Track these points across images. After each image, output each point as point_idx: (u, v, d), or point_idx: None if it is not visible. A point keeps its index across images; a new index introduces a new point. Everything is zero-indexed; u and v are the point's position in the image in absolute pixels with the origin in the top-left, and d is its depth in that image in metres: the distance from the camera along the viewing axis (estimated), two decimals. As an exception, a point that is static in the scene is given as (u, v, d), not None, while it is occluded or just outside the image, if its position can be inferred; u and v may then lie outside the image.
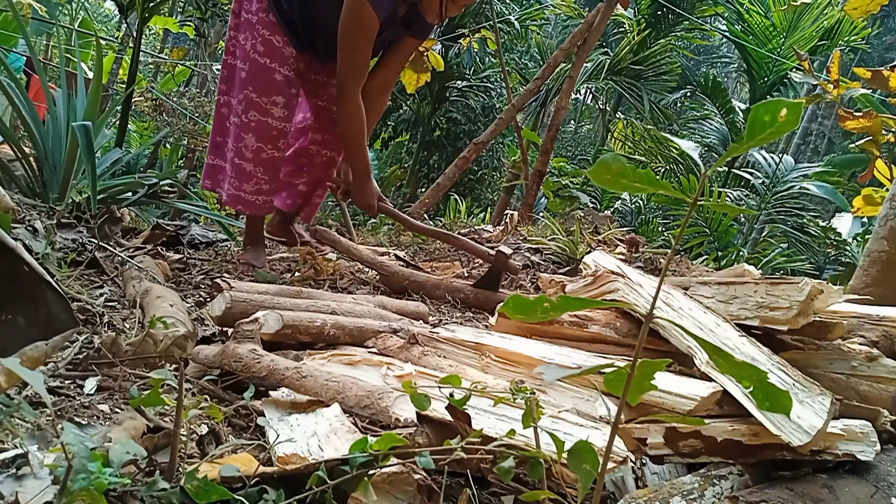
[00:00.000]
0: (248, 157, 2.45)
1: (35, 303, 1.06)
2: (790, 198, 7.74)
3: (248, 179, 2.48)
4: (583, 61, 5.22)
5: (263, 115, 2.40)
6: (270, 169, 2.49)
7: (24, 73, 7.57)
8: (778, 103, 0.59)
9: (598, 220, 4.17)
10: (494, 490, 1.07)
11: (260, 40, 2.39)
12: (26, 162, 2.99)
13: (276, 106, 2.41)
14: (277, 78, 2.40)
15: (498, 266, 2.43)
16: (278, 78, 2.41)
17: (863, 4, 3.46)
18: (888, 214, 2.40)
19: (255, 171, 2.47)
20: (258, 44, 2.39)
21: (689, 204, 0.64)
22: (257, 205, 2.52)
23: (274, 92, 2.40)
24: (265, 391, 1.27)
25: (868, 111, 3.58)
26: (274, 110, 2.41)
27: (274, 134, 2.44)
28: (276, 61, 2.40)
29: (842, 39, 8.72)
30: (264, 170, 2.47)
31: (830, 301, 1.38)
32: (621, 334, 1.46)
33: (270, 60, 2.39)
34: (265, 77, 2.39)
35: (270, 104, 2.40)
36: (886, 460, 1.17)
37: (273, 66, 2.40)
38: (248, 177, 2.47)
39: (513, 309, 0.71)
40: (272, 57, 2.39)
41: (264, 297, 1.69)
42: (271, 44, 2.39)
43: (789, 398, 0.67)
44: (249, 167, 2.46)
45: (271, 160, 2.47)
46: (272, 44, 2.39)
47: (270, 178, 2.51)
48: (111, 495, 0.79)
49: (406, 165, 10.91)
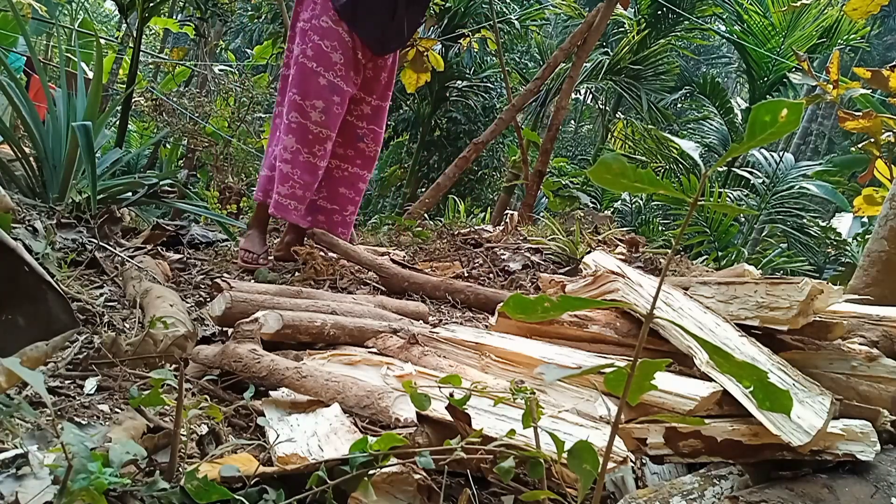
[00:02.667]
0: (286, 159, 2.48)
1: (35, 303, 1.06)
2: (790, 198, 7.73)
3: (285, 181, 2.49)
4: (583, 61, 5.22)
5: (303, 117, 2.44)
6: (307, 174, 2.49)
7: (24, 73, 7.57)
8: (778, 104, 0.59)
9: (598, 220, 4.17)
10: (494, 490, 1.07)
11: (310, 45, 2.43)
12: (26, 162, 2.99)
13: (315, 110, 2.43)
14: (321, 82, 2.43)
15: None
16: (322, 82, 2.43)
17: (863, 5, 3.45)
18: (888, 214, 2.40)
19: (293, 172, 2.48)
20: (308, 48, 2.44)
21: (689, 204, 0.64)
22: (289, 210, 2.53)
23: (314, 95, 2.43)
24: (265, 391, 1.27)
25: (868, 111, 3.57)
26: (312, 114, 2.43)
27: (310, 138, 2.45)
28: (322, 65, 2.43)
29: (841, 39, 8.72)
30: (301, 173, 2.48)
31: (830, 301, 1.38)
32: (621, 334, 1.46)
33: (317, 65, 2.43)
34: (309, 80, 2.43)
35: (310, 108, 2.43)
36: (886, 460, 1.17)
37: (318, 71, 2.43)
38: (285, 178, 2.49)
39: (513, 309, 0.71)
40: (319, 61, 2.43)
41: (264, 297, 1.69)
42: (319, 48, 2.43)
43: (789, 398, 0.67)
44: (287, 168, 2.49)
45: (307, 164, 2.48)
46: (321, 48, 2.43)
47: (305, 184, 2.51)
48: (111, 495, 0.79)
49: (406, 165, 10.90)
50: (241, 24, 12.72)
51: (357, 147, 2.71)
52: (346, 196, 2.76)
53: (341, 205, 2.76)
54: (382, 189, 11.42)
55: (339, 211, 2.77)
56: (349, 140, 2.71)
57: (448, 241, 3.51)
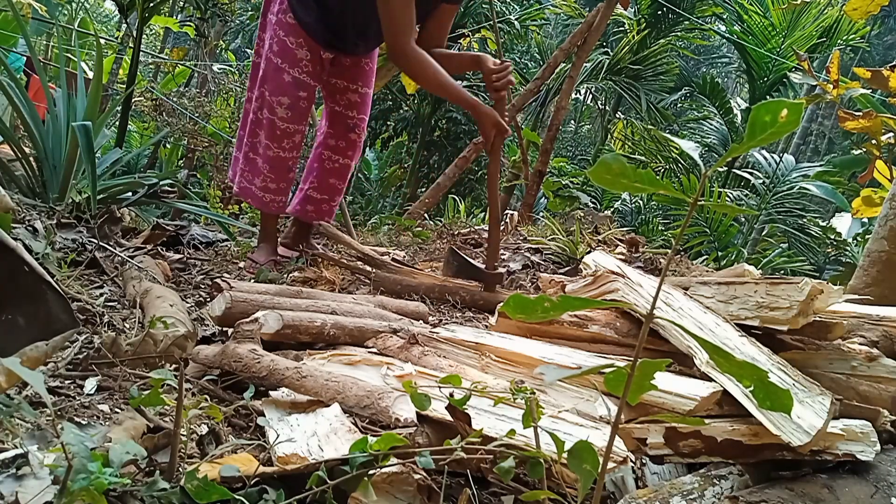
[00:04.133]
0: (259, 152, 2.55)
1: (35, 303, 1.05)
2: (790, 198, 7.73)
3: (257, 175, 2.57)
4: (583, 61, 5.22)
5: (271, 113, 2.48)
6: (277, 168, 2.55)
7: (24, 73, 7.57)
8: (779, 104, 0.59)
9: (598, 220, 4.17)
10: (494, 490, 1.07)
11: (276, 40, 2.45)
12: (26, 162, 2.99)
13: (281, 106, 2.46)
14: (286, 79, 2.46)
15: (483, 281, 2.42)
16: (287, 79, 2.46)
17: (863, 5, 3.46)
18: (888, 214, 2.40)
19: (263, 167, 2.55)
20: (274, 44, 2.46)
21: (689, 204, 0.64)
22: (264, 201, 2.60)
23: (280, 92, 2.46)
24: (265, 391, 1.27)
25: (868, 111, 3.58)
26: (279, 110, 2.47)
27: (278, 133, 2.49)
28: (286, 62, 2.45)
29: (841, 39, 8.72)
30: (270, 167, 2.54)
31: (830, 301, 1.38)
32: (621, 334, 1.46)
33: (282, 61, 2.45)
34: (276, 77, 2.46)
35: (277, 104, 2.46)
36: (886, 460, 1.17)
37: (283, 67, 2.45)
38: (257, 172, 2.57)
39: (513, 309, 0.71)
40: (284, 58, 2.45)
41: (264, 297, 1.69)
42: (285, 45, 2.44)
43: (790, 397, 0.67)
44: (260, 162, 2.55)
45: (276, 159, 2.53)
46: (285, 45, 2.44)
47: (277, 178, 2.57)
48: (111, 495, 0.79)
49: (406, 165, 10.91)
50: (241, 24, 12.72)
51: (349, 138, 2.71)
52: (336, 187, 2.79)
53: (330, 195, 2.79)
54: (382, 189, 11.42)
55: (327, 200, 2.80)
56: (341, 131, 2.71)
57: (448, 241, 3.51)
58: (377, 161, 11.97)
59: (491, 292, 2.40)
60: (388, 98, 10.00)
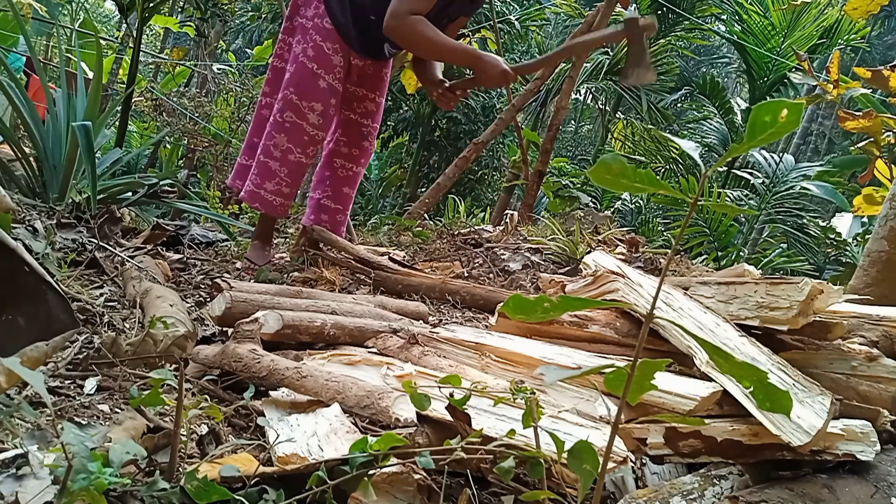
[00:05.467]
0: (275, 156, 2.48)
1: (35, 303, 1.06)
2: (790, 198, 7.73)
3: (270, 178, 2.50)
4: (583, 61, 5.22)
5: (300, 118, 2.43)
6: (294, 173, 2.51)
7: (24, 73, 7.56)
8: (779, 104, 0.59)
9: (598, 220, 4.17)
10: (494, 490, 1.07)
11: (311, 45, 2.42)
12: (26, 162, 2.99)
13: (314, 112, 2.43)
14: (321, 85, 2.42)
15: (634, 34, 2.23)
16: (322, 85, 2.42)
17: (863, 5, 3.46)
18: (888, 214, 2.40)
19: (280, 170, 2.49)
20: (309, 48, 2.42)
21: (689, 204, 0.64)
22: (274, 205, 2.54)
23: (314, 98, 2.42)
24: (265, 391, 1.27)
25: (868, 111, 3.58)
26: (310, 116, 2.43)
27: (305, 139, 2.45)
28: (322, 68, 2.42)
29: (841, 39, 8.72)
30: (288, 171, 2.49)
31: (830, 301, 1.38)
32: (621, 334, 1.46)
33: (318, 66, 2.42)
34: (309, 82, 2.42)
35: (308, 109, 2.42)
36: (886, 460, 1.17)
37: (319, 73, 2.42)
38: (271, 175, 2.50)
39: (513, 309, 0.71)
40: (320, 63, 2.42)
41: (264, 297, 1.69)
42: (321, 50, 2.42)
43: (789, 398, 0.67)
44: (275, 166, 2.49)
45: (297, 164, 2.49)
46: (322, 50, 2.42)
47: (292, 182, 2.53)
48: (111, 495, 0.79)
49: (406, 165, 10.90)
50: (241, 24, 12.72)
51: (362, 146, 2.71)
52: (349, 195, 2.77)
53: (344, 204, 2.77)
54: (382, 189, 11.42)
55: (341, 210, 2.77)
56: (354, 139, 2.70)
57: (448, 241, 3.51)
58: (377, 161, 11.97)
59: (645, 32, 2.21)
60: (388, 98, 9.98)
